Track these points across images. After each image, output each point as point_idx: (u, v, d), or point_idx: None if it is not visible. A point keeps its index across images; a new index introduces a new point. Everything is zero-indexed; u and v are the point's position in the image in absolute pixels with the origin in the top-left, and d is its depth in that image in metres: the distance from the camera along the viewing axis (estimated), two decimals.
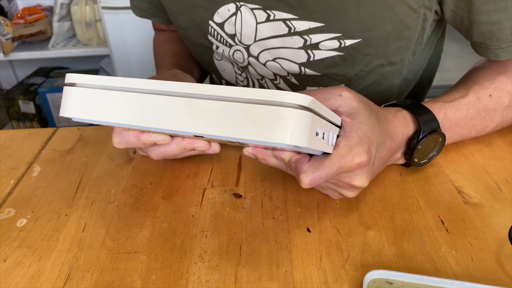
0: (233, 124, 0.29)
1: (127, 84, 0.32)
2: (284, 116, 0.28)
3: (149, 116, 0.31)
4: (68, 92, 0.34)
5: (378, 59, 0.55)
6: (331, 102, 0.39)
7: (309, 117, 0.29)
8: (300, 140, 0.29)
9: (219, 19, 0.56)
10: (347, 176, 0.39)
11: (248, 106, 0.28)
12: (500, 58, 0.49)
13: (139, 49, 1.70)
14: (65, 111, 0.34)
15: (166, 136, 0.40)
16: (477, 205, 0.43)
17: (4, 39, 1.72)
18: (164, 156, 0.44)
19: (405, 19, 0.49)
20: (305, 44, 0.53)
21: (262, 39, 0.55)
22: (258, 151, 0.39)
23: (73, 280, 0.37)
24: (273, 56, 0.56)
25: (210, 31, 0.58)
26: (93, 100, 0.32)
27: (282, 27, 0.52)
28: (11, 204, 0.46)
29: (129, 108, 0.31)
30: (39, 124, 1.94)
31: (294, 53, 0.55)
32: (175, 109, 0.30)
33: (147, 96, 0.31)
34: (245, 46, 0.57)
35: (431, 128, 0.44)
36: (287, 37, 0.53)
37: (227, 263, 0.38)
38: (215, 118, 0.29)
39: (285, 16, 0.51)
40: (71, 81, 0.34)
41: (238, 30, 0.55)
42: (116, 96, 0.32)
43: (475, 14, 0.47)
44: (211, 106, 0.29)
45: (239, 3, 0.53)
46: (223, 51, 0.60)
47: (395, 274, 0.34)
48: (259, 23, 0.53)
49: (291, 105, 0.28)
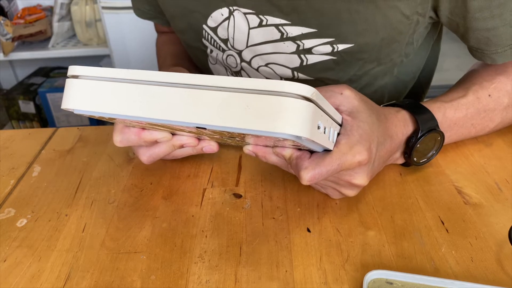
0: (235, 114, 0.29)
1: (130, 76, 0.32)
2: (285, 106, 0.28)
3: (151, 107, 0.31)
4: (71, 84, 0.34)
5: (371, 63, 0.55)
6: (332, 100, 0.39)
7: (310, 108, 0.29)
8: (302, 130, 0.28)
9: (212, 23, 0.56)
10: (347, 174, 0.39)
11: (250, 96, 0.28)
12: (496, 62, 0.49)
13: (139, 49, 1.70)
14: (68, 102, 0.34)
15: (167, 134, 0.40)
16: (477, 205, 0.43)
17: (4, 39, 1.72)
18: (155, 158, 0.44)
19: (398, 25, 0.49)
20: (298, 49, 0.53)
21: (254, 45, 0.55)
22: (258, 148, 0.39)
23: (73, 280, 0.37)
24: (266, 62, 0.56)
25: (204, 35, 0.59)
26: (97, 91, 0.32)
27: (274, 32, 0.52)
28: (11, 204, 0.46)
29: (132, 99, 0.31)
30: (39, 124, 1.94)
31: (287, 58, 0.55)
32: (178, 100, 0.30)
33: (150, 87, 0.31)
34: (237, 51, 0.57)
35: (430, 127, 0.44)
36: (279, 43, 0.53)
37: (227, 263, 0.38)
38: (217, 108, 0.29)
39: (277, 21, 0.51)
40: (74, 74, 0.34)
41: (230, 35, 0.56)
42: (119, 87, 0.32)
43: (471, 21, 0.47)
44: (213, 96, 0.29)
45: (233, 7, 0.53)
46: (216, 55, 0.61)
47: (395, 274, 0.34)
48: (251, 28, 0.53)
49: (293, 95, 0.28)
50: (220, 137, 0.37)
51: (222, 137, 0.37)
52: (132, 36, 1.67)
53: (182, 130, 0.36)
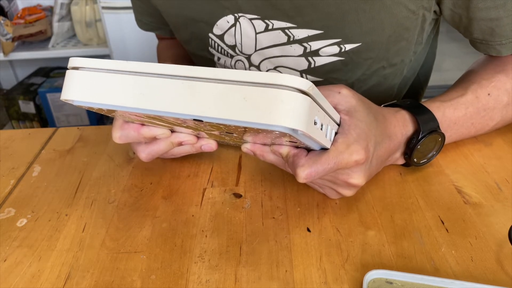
0: (232, 106, 0.29)
1: (129, 67, 0.32)
2: (282, 99, 0.28)
3: (150, 99, 0.31)
4: (71, 75, 0.34)
5: (379, 62, 0.55)
6: (330, 99, 0.39)
7: (307, 102, 0.29)
8: (298, 124, 0.28)
9: (218, 31, 0.56)
10: (344, 173, 0.39)
11: (248, 89, 0.28)
12: (501, 54, 0.49)
13: (139, 49, 1.70)
14: (67, 94, 0.34)
15: (166, 130, 0.40)
16: (477, 205, 0.43)
17: (4, 39, 1.72)
18: (153, 155, 0.44)
19: (404, 21, 0.49)
20: (305, 51, 0.53)
21: (262, 49, 0.55)
22: (256, 147, 0.39)
23: (73, 280, 0.37)
24: (274, 65, 0.57)
25: (210, 43, 0.59)
26: (96, 82, 0.33)
27: (281, 36, 0.53)
28: (11, 204, 0.46)
29: (131, 90, 0.32)
30: (39, 124, 1.94)
31: (295, 61, 0.55)
32: (176, 92, 0.30)
33: (149, 79, 0.31)
34: (246, 56, 0.58)
35: (431, 128, 0.44)
36: (286, 46, 0.54)
37: (227, 263, 0.38)
38: (214, 100, 0.29)
39: (283, 25, 0.51)
40: (74, 65, 0.34)
41: (238, 41, 0.56)
42: (118, 78, 0.32)
43: (474, 11, 0.47)
44: (211, 88, 0.29)
45: (238, 14, 0.53)
46: (224, 62, 0.61)
47: (395, 274, 0.34)
48: (258, 33, 0.54)
49: (290, 88, 0.28)
50: (218, 133, 0.37)
51: (220, 133, 0.37)
52: (132, 36, 1.67)
53: (180, 125, 0.36)
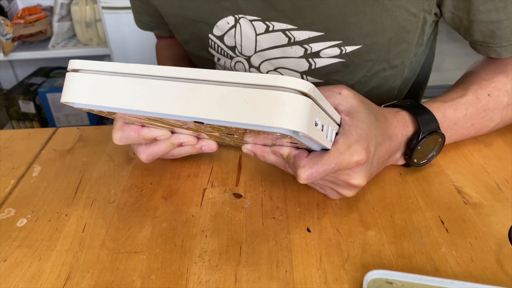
0: (233, 108, 0.29)
1: (129, 70, 0.32)
2: (283, 101, 0.28)
3: (150, 101, 0.31)
4: (71, 77, 0.34)
5: (380, 64, 0.55)
6: (330, 100, 0.39)
7: (308, 104, 0.29)
8: (299, 125, 0.28)
9: (218, 32, 0.56)
10: (345, 174, 0.39)
11: (249, 91, 0.28)
12: (501, 56, 0.49)
13: (139, 49, 1.70)
14: (67, 96, 0.34)
15: (166, 131, 0.40)
16: (477, 205, 0.43)
17: (4, 39, 1.72)
18: (154, 156, 0.44)
19: (405, 24, 0.49)
20: (306, 53, 0.53)
21: (262, 50, 0.55)
22: (257, 148, 0.39)
23: (73, 280, 0.37)
24: (274, 66, 0.57)
25: (210, 44, 0.59)
26: (96, 85, 0.33)
27: (282, 37, 0.53)
28: (11, 204, 0.46)
29: (131, 93, 0.32)
30: (39, 124, 1.94)
31: (295, 63, 0.55)
32: (176, 94, 0.30)
33: (149, 81, 0.31)
34: (246, 57, 0.57)
35: (431, 129, 0.44)
36: (287, 47, 0.53)
37: (227, 263, 0.38)
38: (215, 102, 0.29)
39: (284, 26, 0.51)
40: (74, 67, 0.34)
41: (238, 42, 0.56)
42: (119, 81, 0.32)
43: (475, 14, 0.47)
44: (212, 90, 0.29)
45: (238, 15, 0.53)
46: (224, 63, 0.61)
47: (395, 274, 0.34)
48: (259, 34, 0.54)
49: (291, 90, 0.28)
50: (219, 135, 0.37)
51: (220, 134, 0.37)
52: (132, 36, 1.67)
53: (181, 126, 0.36)
